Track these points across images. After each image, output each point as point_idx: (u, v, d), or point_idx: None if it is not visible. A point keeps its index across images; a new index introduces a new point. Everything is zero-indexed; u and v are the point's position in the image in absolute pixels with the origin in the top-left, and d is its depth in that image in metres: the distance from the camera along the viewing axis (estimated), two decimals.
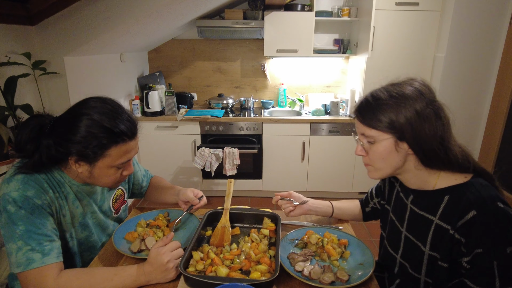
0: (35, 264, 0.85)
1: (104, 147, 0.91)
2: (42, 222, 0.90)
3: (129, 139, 0.94)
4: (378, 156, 0.88)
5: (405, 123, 0.81)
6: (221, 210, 1.22)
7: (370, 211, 1.22)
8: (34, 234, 0.87)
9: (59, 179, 0.99)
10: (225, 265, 0.95)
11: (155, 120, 3.04)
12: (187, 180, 3.27)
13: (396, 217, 1.00)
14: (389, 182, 1.09)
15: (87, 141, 0.89)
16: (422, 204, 0.90)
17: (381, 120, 0.84)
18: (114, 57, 2.78)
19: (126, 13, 1.99)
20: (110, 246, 1.10)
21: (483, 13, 2.66)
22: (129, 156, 0.97)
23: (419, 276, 0.92)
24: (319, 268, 0.95)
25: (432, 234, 0.86)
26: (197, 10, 2.69)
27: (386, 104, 0.83)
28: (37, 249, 0.87)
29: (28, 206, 0.88)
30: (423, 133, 0.81)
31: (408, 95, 0.83)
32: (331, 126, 3.08)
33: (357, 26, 3.08)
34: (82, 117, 0.90)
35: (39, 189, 0.92)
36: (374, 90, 0.89)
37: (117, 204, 1.22)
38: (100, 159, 0.92)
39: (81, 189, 1.04)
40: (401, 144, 0.84)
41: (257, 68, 3.51)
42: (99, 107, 0.92)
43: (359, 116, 0.89)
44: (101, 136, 0.89)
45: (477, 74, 2.83)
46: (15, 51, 1.87)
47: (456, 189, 0.84)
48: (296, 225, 1.24)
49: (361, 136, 0.90)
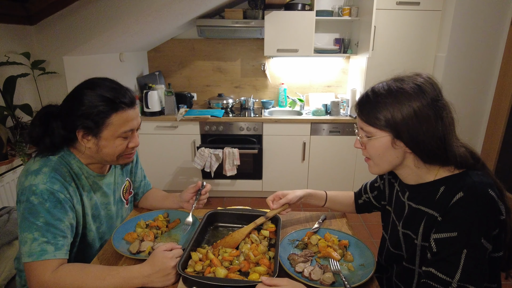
0: (48, 256, 0.88)
1: (105, 115, 0.96)
2: (62, 217, 0.94)
3: (128, 107, 0.99)
4: (375, 151, 0.88)
5: (401, 122, 0.81)
6: (221, 211, 1.21)
7: (362, 203, 1.22)
8: (52, 227, 0.91)
9: (77, 171, 1.03)
10: (223, 266, 0.94)
11: (155, 120, 3.04)
12: (187, 180, 3.26)
13: (396, 217, 1.00)
14: (389, 182, 1.08)
15: (89, 112, 0.95)
16: (418, 198, 0.90)
17: (378, 118, 0.84)
18: (114, 56, 2.77)
19: (126, 13, 1.98)
20: (110, 246, 1.09)
21: (484, 12, 2.65)
22: (131, 125, 1.01)
23: (413, 267, 0.92)
24: (319, 269, 0.95)
25: (424, 224, 0.86)
26: (197, 10, 2.69)
27: (384, 102, 0.83)
28: (52, 242, 0.90)
29: (53, 199, 0.92)
30: (420, 133, 0.80)
31: (408, 92, 0.81)
32: (332, 126, 3.07)
33: (358, 26, 3.08)
34: (82, 92, 0.97)
35: (64, 183, 0.96)
36: (377, 84, 0.89)
37: (127, 194, 1.26)
38: (104, 129, 0.97)
39: (97, 179, 1.09)
40: (398, 142, 0.84)
41: (257, 68, 3.50)
42: (97, 82, 1.00)
43: (359, 110, 0.89)
44: (101, 105, 0.95)
45: (479, 73, 2.82)
46: (14, 50, 1.86)
47: (451, 179, 0.84)
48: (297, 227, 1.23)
49: (360, 130, 0.91)
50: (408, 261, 0.93)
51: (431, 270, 0.78)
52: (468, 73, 2.81)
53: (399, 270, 0.99)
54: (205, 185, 1.26)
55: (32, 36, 2.01)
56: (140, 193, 1.36)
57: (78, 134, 0.97)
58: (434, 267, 0.78)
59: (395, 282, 1.02)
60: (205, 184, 1.27)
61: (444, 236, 0.78)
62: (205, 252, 0.99)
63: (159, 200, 1.34)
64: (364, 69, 2.95)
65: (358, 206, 1.24)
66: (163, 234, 1.17)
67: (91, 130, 0.96)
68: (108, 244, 1.11)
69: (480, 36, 2.72)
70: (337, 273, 0.95)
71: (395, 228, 0.99)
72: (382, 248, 1.10)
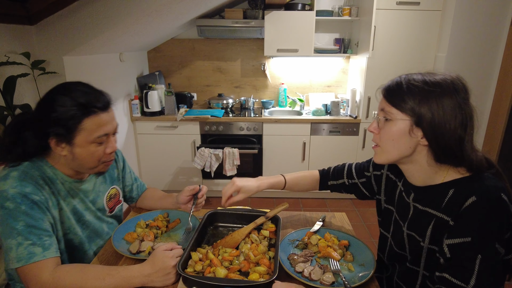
0: (37, 258, 0.87)
1: (77, 120, 0.92)
2: (41, 217, 0.92)
3: (100, 111, 0.96)
4: (389, 136, 0.86)
5: (427, 111, 0.79)
6: (221, 211, 1.21)
7: (336, 185, 1.21)
8: (34, 229, 0.89)
9: (51, 176, 1.00)
10: (223, 266, 0.94)
11: (155, 120, 3.04)
12: (186, 180, 3.26)
13: (400, 217, 0.99)
14: (387, 178, 1.07)
15: (59, 118, 0.91)
16: (426, 200, 0.89)
17: (405, 101, 0.82)
18: (114, 56, 2.77)
19: (126, 13, 1.98)
20: (110, 246, 1.09)
21: (485, 12, 2.65)
22: (105, 130, 0.97)
23: (418, 269, 0.91)
24: (319, 269, 0.95)
25: (432, 227, 0.85)
26: (197, 10, 2.69)
27: (415, 89, 0.81)
28: (38, 243, 0.88)
29: (28, 202, 0.90)
30: (442, 126, 0.78)
31: (442, 85, 0.80)
32: (332, 126, 3.07)
33: (358, 26, 3.08)
34: (53, 98, 0.94)
35: (36, 185, 0.93)
36: (409, 74, 0.87)
37: (112, 203, 1.21)
38: (76, 135, 0.93)
39: (74, 185, 1.05)
40: (416, 129, 0.82)
41: (257, 68, 3.50)
42: (70, 87, 0.96)
43: (386, 93, 0.87)
44: (72, 110, 0.92)
45: (479, 73, 2.82)
46: (14, 50, 1.86)
47: (461, 182, 0.82)
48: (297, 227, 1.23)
49: (380, 112, 0.88)
50: (413, 263, 0.92)
51: (445, 275, 0.77)
52: (468, 73, 2.81)
53: (401, 270, 0.99)
54: (201, 188, 1.25)
55: (32, 36, 2.01)
56: (135, 196, 1.35)
57: (51, 142, 0.94)
58: (449, 272, 0.77)
59: (396, 282, 1.02)
60: (201, 186, 1.25)
61: (457, 242, 0.76)
62: (205, 252, 0.99)
63: (156, 200, 1.34)
64: (364, 69, 2.95)
65: (326, 186, 1.23)
66: (163, 234, 1.17)
67: (64, 137, 0.93)
68: (108, 244, 1.11)
69: (480, 36, 2.71)
70: (337, 273, 0.95)
71: (399, 229, 0.98)
72: (383, 247, 1.08)
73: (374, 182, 1.12)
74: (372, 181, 1.13)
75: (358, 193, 1.18)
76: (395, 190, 1.03)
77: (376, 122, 0.90)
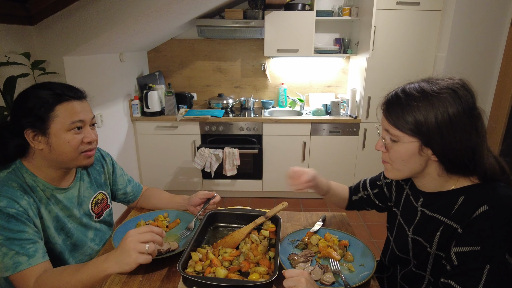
0: (22, 267, 0.87)
1: (49, 107, 0.94)
2: (20, 229, 0.90)
3: (73, 99, 0.98)
4: (399, 157, 0.83)
5: (435, 129, 0.75)
6: (221, 211, 1.21)
7: (358, 200, 1.18)
8: (15, 240, 0.88)
9: (31, 184, 0.98)
10: (224, 266, 0.94)
11: (155, 120, 3.04)
12: (187, 180, 3.26)
13: (404, 220, 0.98)
14: (397, 183, 1.06)
15: (32, 107, 0.93)
16: (434, 206, 0.87)
17: (408, 121, 0.78)
18: (114, 56, 2.77)
19: (126, 13, 1.98)
20: (110, 247, 1.09)
21: (484, 12, 2.65)
22: (79, 116, 0.98)
23: (424, 273, 0.91)
24: (319, 269, 0.95)
25: (440, 234, 0.84)
26: (197, 10, 2.69)
27: (417, 105, 0.77)
28: (21, 252, 0.88)
29: (4, 216, 0.88)
30: (453, 142, 0.75)
31: (444, 97, 0.76)
32: (332, 126, 3.07)
33: (358, 26, 3.08)
34: (27, 91, 0.97)
35: (11, 199, 0.91)
36: (407, 84, 0.83)
37: (98, 208, 1.18)
38: (51, 123, 0.94)
39: (56, 192, 1.03)
40: (425, 149, 0.79)
41: (257, 68, 3.50)
42: (45, 83, 0.99)
43: (386, 111, 0.83)
44: (44, 98, 0.94)
45: (479, 73, 2.82)
46: (14, 51, 1.86)
47: (472, 189, 0.81)
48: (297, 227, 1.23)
49: (385, 132, 0.85)
50: (418, 268, 0.92)
51: (451, 283, 0.76)
52: (468, 73, 2.81)
53: (406, 273, 0.98)
54: (216, 196, 1.26)
55: (32, 36, 2.01)
56: (131, 198, 1.34)
57: (27, 136, 0.94)
58: (454, 280, 0.75)
59: (400, 283, 1.01)
60: (216, 194, 1.26)
61: (466, 250, 0.75)
62: (205, 252, 0.99)
63: (164, 201, 1.32)
64: (364, 69, 2.95)
65: (352, 202, 1.20)
66: None
67: (38, 128, 0.93)
68: (108, 244, 1.11)
69: (480, 36, 2.71)
70: (337, 273, 0.95)
71: (403, 233, 0.97)
72: (386, 249, 1.08)
73: (385, 189, 1.11)
74: (384, 188, 1.11)
75: (374, 205, 1.16)
76: (402, 193, 1.02)
77: (381, 140, 0.87)
